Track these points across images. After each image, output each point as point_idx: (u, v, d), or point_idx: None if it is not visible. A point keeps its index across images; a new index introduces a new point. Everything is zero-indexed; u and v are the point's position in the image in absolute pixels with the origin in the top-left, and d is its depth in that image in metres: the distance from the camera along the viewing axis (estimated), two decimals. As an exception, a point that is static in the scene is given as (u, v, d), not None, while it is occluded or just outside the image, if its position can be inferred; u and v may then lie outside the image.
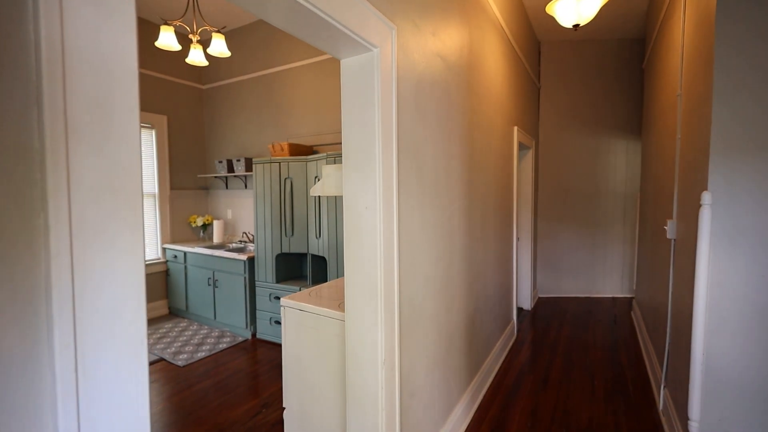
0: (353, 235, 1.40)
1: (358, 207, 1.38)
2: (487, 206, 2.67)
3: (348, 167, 1.39)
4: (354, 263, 1.40)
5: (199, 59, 2.83)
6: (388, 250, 1.38)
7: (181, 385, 2.72)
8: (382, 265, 1.35)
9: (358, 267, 1.38)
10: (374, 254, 1.35)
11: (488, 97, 2.65)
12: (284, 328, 1.99)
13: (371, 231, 1.35)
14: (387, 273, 1.37)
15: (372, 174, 1.34)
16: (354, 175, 1.38)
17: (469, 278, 2.31)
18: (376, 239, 1.35)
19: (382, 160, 1.34)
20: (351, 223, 1.40)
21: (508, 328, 3.35)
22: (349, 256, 1.41)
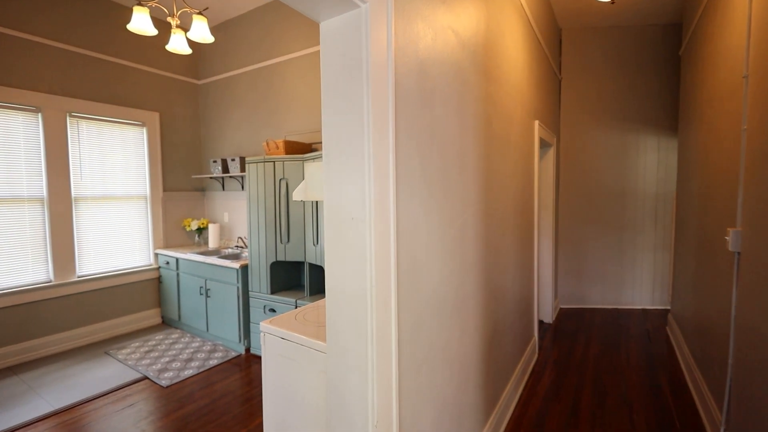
0: (335, 254, 1.07)
1: (342, 217, 1.05)
2: (506, 211, 2.31)
3: (329, 165, 1.06)
4: (336, 292, 1.07)
5: (180, 46, 2.54)
6: (382, 273, 1.04)
7: (160, 411, 2.43)
8: (374, 292, 1.01)
9: (340, 297, 1.05)
10: (363, 279, 1.02)
11: (507, 85, 2.29)
12: (264, 359, 1.67)
13: (359, 249, 1.02)
14: (380, 303, 1.04)
15: (360, 174, 1.01)
16: (336, 176, 1.05)
17: (485, 296, 1.96)
18: (365, 259, 1.01)
19: (373, 155, 1.00)
20: (333, 237, 1.07)
21: (530, 346, 2.98)
22: (331, 282, 1.08)
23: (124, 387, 2.72)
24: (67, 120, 3.34)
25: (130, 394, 2.63)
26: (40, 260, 3.24)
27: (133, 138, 3.83)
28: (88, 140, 3.50)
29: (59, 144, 3.28)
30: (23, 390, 2.67)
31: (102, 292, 3.57)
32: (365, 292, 1.01)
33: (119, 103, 3.68)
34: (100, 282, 3.55)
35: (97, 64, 3.51)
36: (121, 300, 3.71)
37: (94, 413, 2.40)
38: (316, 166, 1.35)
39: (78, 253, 3.45)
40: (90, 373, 2.91)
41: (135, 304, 3.81)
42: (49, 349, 3.24)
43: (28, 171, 3.14)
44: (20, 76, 3.07)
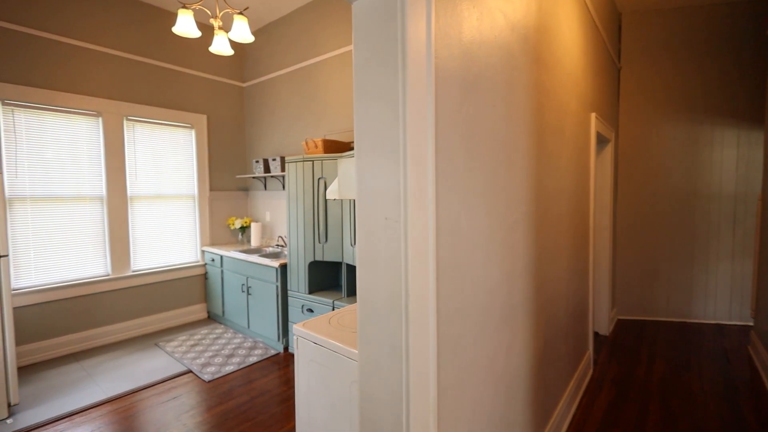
0: (367, 259, 0.96)
1: (375, 217, 0.95)
2: (559, 211, 2.10)
3: (360, 159, 0.96)
4: (367, 302, 0.97)
5: (223, 48, 2.58)
6: (419, 281, 0.92)
7: (201, 406, 2.48)
8: (410, 304, 0.90)
9: (372, 308, 0.95)
10: (397, 288, 0.91)
11: (561, 73, 2.08)
12: (297, 363, 1.61)
13: (393, 253, 0.91)
14: (417, 315, 0.92)
15: (394, 168, 0.90)
16: (368, 171, 0.95)
17: (536, 306, 1.77)
18: (400, 265, 0.90)
19: (409, 148, 0.89)
20: (364, 240, 0.97)
21: (584, 361, 2.71)
22: (362, 290, 0.98)
23: (170, 379, 2.82)
24: (124, 123, 3.55)
25: (175, 387, 2.71)
26: (99, 255, 3.46)
27: (183, 140, 4.00)
28: (142, 142, 3.70)
29: (116, 146, 3.49)
30: (82, 376, 2.85)
31: (153, 286, 3.76)
32: (400, 303, 0.90)
33: (170, 106, 3.85)
34: (151, 277, 3.74)
35: (150, 70, 3.70)
36: (170, 294, 3.89)
37: (140, 404, 2.50)
38: (349, 162, 1.26)
39: (133, 249, 3.65)
40: (141, 364, 3.05)
41: (183, 298, 3.98)
42: (107, 338, 3.45)
43: (89, 172, 3.37)
44: (83, 83, 3.30)
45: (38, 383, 2.74)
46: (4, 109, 2.95)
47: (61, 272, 3.25)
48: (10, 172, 2.98)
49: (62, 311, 3.22)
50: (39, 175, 3.11)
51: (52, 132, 3.17)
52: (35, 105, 3.07)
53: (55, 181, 3.19)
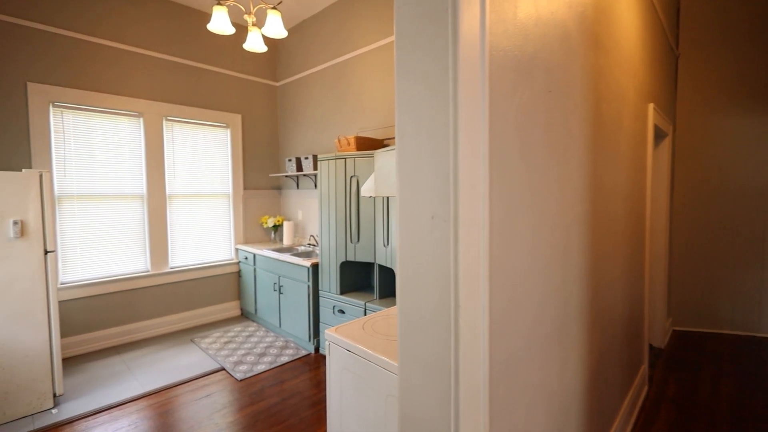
0: (409, 264, 0.85)
1: (419, 215, 0.83)
2: (615, 212, 1.89)
3: (403, 149, 0.85)
4: (409, 314, 0.85)
5: (257, 44, 2.56)
6: (470, 290, 0.80)
7: (233, 405, 2.46)
8: (460, 316, 0.78)
9: (415, 320, 0.83)
10: (445, 298, 0.79)
11: (619, 57, 1.87)
12: (329, 370, 1.52)
13: (441, 257, 0.79)
14: (468, 330, 0.80)
15: (443, 159, 0.78)
16: (412, 163, 0.83)
17: (591, 318, 1.59)
18: (449, 271, 0.78)
19: (461, 136, 0.77)
20: (407, 242, 0.86)
21: (639, 377, 2.46)
22: (404, 300, 0.86)
23: (204, 376, 2.83)
24: (163, 123, 3.64)
25: (208, 384, 2.72)
26: (140, 251, 3.56)
27: (218, 139, 4.06)
28: (180, 142, 3.78)
29: (156, 146, 3.58)
30: (122, 370, 2.93)
31: (189, 283, 3.84)
32: (448, 316, 0.78)
33: (206, 106, 3.92)
34: (188, 273, 3.81)
35: (188, 70, 3.77)
36: (206, 291, 3.95)
37: (175, 400, 2.52)
38: (387, 155, 1.15)
39: (170, 246, 3.74)
40: (177, 359, 3.10)
41: (217, 295, 4.04)
42: (145, 333, 3.55)
43: (131, 171, 3.47)
44: (126, 85, 3.40)
45: (82, 375, 2.84)
46: (54, 111, 3.09)
47: (105, 267, 3.37)
48: (59, 171, 3.11)
49: (105, 305, 3.34)
50: (85, 174, 3.23)
51: (97, 132, 3.29)
52: (83, 107, 3.20)
53: (100, 179, 3.30)
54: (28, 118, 2.96)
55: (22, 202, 2.29)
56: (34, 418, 2.30)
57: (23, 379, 2.31)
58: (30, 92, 2.96)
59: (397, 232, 0.88)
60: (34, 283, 2.34)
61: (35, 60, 2.97)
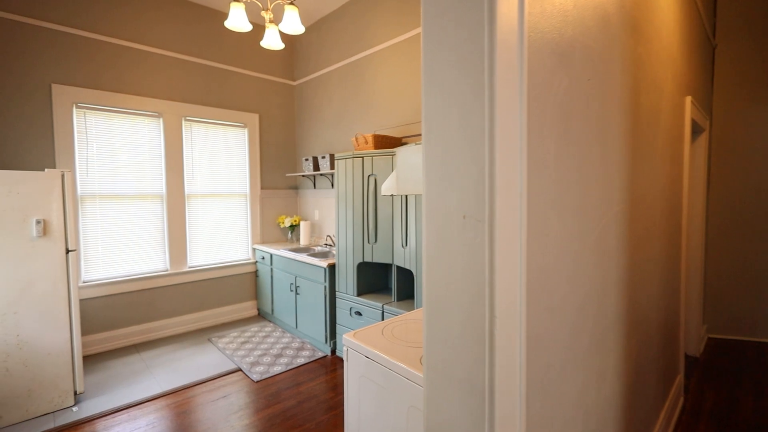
0: (438, 268, 0.77)
1: (449, 214, 0.75)
2: (652, 213, 1.76)
3: (431, 143, 0.77)
4: (438, 323, 0.77)
5: (274, 42, 2.52)
6: (507, 297, 0.72)
7: (249, 407, 2.43)
8: (496, 329, 0.69)
9: (445, 331, 0.76)
10: (479, 307, 0.71)
11: (658, 46, 1.74)
12: (346, 377, 1.46)
13: (475, 261, 0.71)
14: (504, 342, 0.72)
15: (477, 153, 0.70)
16: (441, 157, 0.76)
17: (627, 326, 1.47)
18: (483, 277, 0.70)
19: (498, 124, 0.69)
20: (435, 244, 0.78)
21: (674, 388, 2.31)
22: (432, 308, 0.79)
23: (220, 377, 2.82)
24: (182, 123, 3.66)
25: (225, 385, 2.70)
26: (159, 251, 3.59)
27: (236, 139, 4.06)
28: (198, 142, 3.79)
29: (175, 145, 3.60)
30: (141, 368, 2.94)
31: (207, 282, 3.85)
32: (483, 327, 0.70)
33: (224, 106, 3.92)
34: (206, 273, 3.82)
35: (206, 70, 3.78)
36: (223, 291, 3.96)
37: (192, 400, 2.50)
38: (410, 151, 1.08)
39: (189, 246, 3.76)
40: (194, 359, 3.10)
41: (235, 295, 4.04)
42: (164, 331, 3.57)
43: (150, 170, 3.50)
44: (146, 85, 3.43)
45: (102, 372, 2.87)
46: (77, 112, 3.13)
47: (125, 266, 3.40)
48: (81, 171, 3.16)
49: (125, 304, 3.37)
50: (107, 174, 3.27)
51: (118, 133, 3.32)
52: (105, 107, 3.24)
53: (121, 179, 3.34)
54: (53, 118, 3.01)
55: (44, 202, 2.32)
56: (56, 416, 2.32)
57: (46, 376, 2.33)
58: (54, 93, 3.01)
59: (423, 234, 0.80)
60: (56, 282, 2.36)
61: (59, 62, 3.02)
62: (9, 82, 2.83)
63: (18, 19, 2.84)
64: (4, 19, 2.80)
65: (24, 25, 2.87)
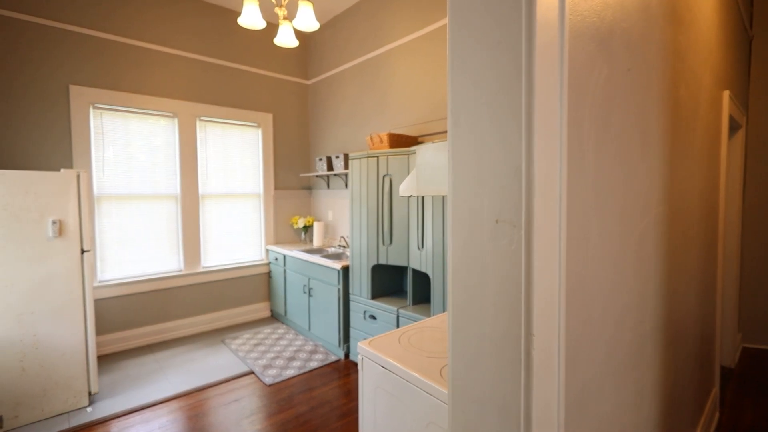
0: (465, 280, 0.69)
1: (479, 218, 0.67)
2: (690, 215, 1.64)
3: (457, 137, 0.69)
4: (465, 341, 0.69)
5: (288, 39, 2.47)
6: (545, 310, 0.63)
7: (261, 412, 2.38)
8: (533, 347, 0.61)
9: (472, 351, 0.67)
10: (514, 324, 0.62)
11: (696, 35, 1.62)
12: (361, 387, 1.38)
13: (509, 270, 0.63)
14: (542, 365, 0.63)
15: (512, 148, 0.62)
16: (470, 153, 0.67)
17: (665, 338, 1.36)
18: (519, 288, 0.62)
19: (537, 116, 0.60)
20: (462, 251, 0.70)
21: (709, 402, 2.16)
22: (458, 320, 0.71)
23: (233, 379, 2.79)
24: (197, 124, 3.65)
25: (237, 388, 2.67)
26: (174, 251, 3.59)
27: (250, 139, 4.05)
28: (213, 142, 3.79)
29: (190, 146, 3.60)
30: (155, 369, 2.93)
31: (221, 283, 3.84)
32: (517, 345, 0.62)
33: (238, 105, 3.91)
34: (220, 274, 3.82)
35: (220, 70, 3.78)
36: (237, 292, 3.94)
37: (204, 403, 2.47)
38: (432, 149, 1.00)
39: (203, 246, 3.75)
40: (207, 360, 3.08)
41: (248, 296, 4.02)
42: (178, 332, 3.57)
43: (165, 171, 3.51)
44: (162, 86, 3.44)
45: (117, 373, 2.87)
46: (94, 113, 3.16)
47: (140, 267, 3.42)
48: (98, 172, 3.18)
49: (140, 304, 3.38)
50: (122, 175, 3.29)
51: (134, 133, 3.34)
52: (121, 108, 3.25)
53: (136, 180, 3.35)
54: (70, 119, 3.03)
55: (60, 202, 2.32)
56: (70, 416, 2.32)
57: (61, 376, 2.33)
58: (72, 94, 3.03)
59: (449, 240, 0.72)
60: (72, 282, 2.36)
61: (77, 63, 3.05)
62: (28, 83, 2.86)
63: (37, 21, 2.87)
64: (24, 21, 2.83)
65: (42, 26, 2.90)
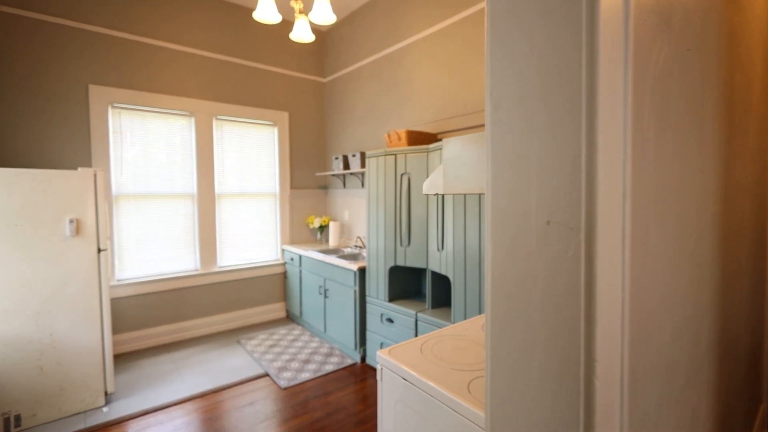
0: (508, 291, 0.59)
1: (526, 220, 0.57)
2: (742, 214, 1.49)
3: (498, 125, 0.59)
4: (507, 365, 0.59)
5: (304, 34, 2.41)
6: (609, 330, 0.52)
7: (276, 417, 2.32)
8: (596, 374, 0.51)
9: (516, 376, 0.57)
10: (571, 346, 0.52)
11: (751, 16, 1.47)
12: (380, 400, 1.29)
13: (564, 281, 0.52)
14: (604, 393, 0.52)
15: (570, 134, 0.51)
16: (513, 144, 0.57)
17: (720, 354, 1.22)
18: (576, 306, 0.51)
19: (600, 103, 0.50)
20: (503, 259, 0.60)
21: (757, 421, 1.98)
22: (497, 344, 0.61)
23: (248, 381, 2.74)
24: (213, 123, 3.64)
25: (252, 391, 2.62)
26: (190, 251, 3.59)
27: (266, 138, 4.01)
28: (229, 141, 3.77)
29: (206, 145, 3.59)
30: (171, 369, 2.92)
31: (237, 283, 3.81)
32: (575, 373, 0.51)
33: (254, 104, 3.88)
34: (236, 273, 3.79)
35: (236, 69, 3.75)
36: (252, 292, 3.91)
37: (219, 406, 2.43)
38: (462, 141, 0.89)
39: (219, 246, 3.74)
40: (223, 361, 3.05)
41: (264, 296, 3.99)
42: (194, 331, 3.56)
43: (182, 170, 3.50)
44: (179, 85, 3.43)
45: (133, 372, 2.86)
46: (113, 113, 3.17)
47: (157, 266, 3.42)
48: (116, 171, 3.19)
49: (157, 303, 3.38)
50: (140, 174, 3.29)
51: (151, 133, 3.34)
52: (139, 107, 3.26)
53: (154, 179, 3.35)
54: (89, 119, 3.05)
55: (77, 201, 2.31)
56: (86, 416, 2.31)
57: (78, 375, 2.33)
58: (91, 94, 3.05)
59: (488, 246, 0.62)
60: (89, 281, 2.35)
61: (96, 62, 3.06)
62: (47, 83, 2.89)
63: (56, 21, 2.89)
64: (44, 21, 2.85)
65: (63, 27, 2.92)
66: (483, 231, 2.11)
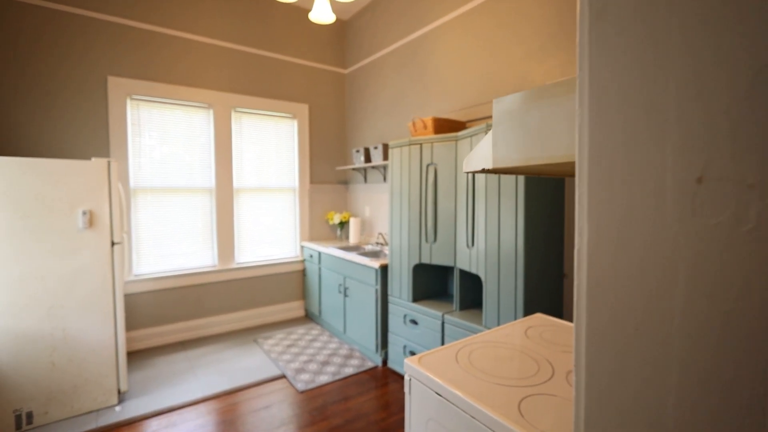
0: (621, 283, 0.39)
1: (658, 180, 0.36)
2: None
3: (607, 35, 0.39)
4: (612, 398, 0.39)
5: (324, 14, 2.25)
6: None
7: (292, 423, 2.17)
8: None
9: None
10: (752, 376, 0.31)
11: None
12: (408, 415, 1.11)
13: (741, 271, 0.32)
14: None
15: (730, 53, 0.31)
16: (637, 58, 0.37)
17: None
18: (763, 315, 0.31)
19: None
20: (614, 240, 0.39)
21: None
22: (593, 357, 0.41)
23: (264, 383, 2.61)
24: (232, 115, 3.54)
25: (268, 393, 2.48)
26: (208, 246, 3.50)
27: (285, 130, 3.90)
28: (248, 134, 3.66)
29: (225, 138, 3.50)
30: (185, 368, 2.82)
31: (255, 280, 3.71)
32: (763, 418, 0.31)
33: (273, 96, 3.77)
34: (253, 270, 3.69)
35: (255, 60, 3.65)
36: (270, 289, 3.80)
37: (233, 409, 2.30)
38: (522, 96, 0.70)
39: (237, 242, 3.64)
40: (239, 360, 2.94)
41: (282, 294, 3.87)
42: (210, 329, 3.47)
43: (200, 164, 3.42)
44: (197, 76, 3.35)
45: (147, 370, 2.78)
46: (131, 104, 3.11)
47: (174, 261, 3.34)
48: (134, 164, 3.13)
49: (174, 299, 3.31)
50: (158, 167, 3.22)
51: (170, 125, 3.27)
52: (157, 99, 3.19)
53: (172, 172, 3.28)
54: (108, 111, 3.00)
55: (91, 192, 2.23)
56: (99, 414, 2.23)
57: (90, 373, 2.25)
58: (110, 86, 2.99)
59: (579, 226, 0.43)
60: (102, 276, 2.27)
61: (114, 53, 3.01)
62: (66, 74, 2.84)
63: (73, 11, 2.85)
64: (62, 11, 2.81)
65: (79, 16, 2.87)
66: (519, 226, 1.89)
